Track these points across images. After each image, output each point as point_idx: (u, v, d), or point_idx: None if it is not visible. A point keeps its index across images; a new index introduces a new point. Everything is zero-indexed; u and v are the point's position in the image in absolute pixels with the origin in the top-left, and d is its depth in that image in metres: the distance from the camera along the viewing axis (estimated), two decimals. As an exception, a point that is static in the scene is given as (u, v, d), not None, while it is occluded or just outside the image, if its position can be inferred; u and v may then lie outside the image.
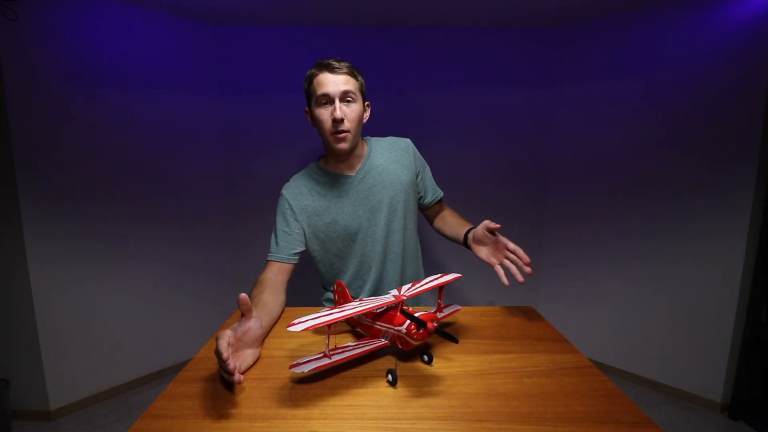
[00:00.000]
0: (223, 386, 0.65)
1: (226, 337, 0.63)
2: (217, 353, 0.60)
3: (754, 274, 1.79)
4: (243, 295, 0.68)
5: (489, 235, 0.93)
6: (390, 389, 0.63)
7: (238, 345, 0.69)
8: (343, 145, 1.01)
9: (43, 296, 1.83)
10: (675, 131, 1.96)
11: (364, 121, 1.06)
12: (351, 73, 1.00)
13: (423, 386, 0.64)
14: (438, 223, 1.24)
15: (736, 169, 1.82)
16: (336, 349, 0.69)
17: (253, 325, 0.72)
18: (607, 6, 1.95)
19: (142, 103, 2.03)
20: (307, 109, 1.08)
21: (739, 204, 1.82)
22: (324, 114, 0.99)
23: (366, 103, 1.06)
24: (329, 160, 1.10)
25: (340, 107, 0.97)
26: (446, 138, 2.29)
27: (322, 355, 0.66)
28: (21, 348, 1.84)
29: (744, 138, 1.79)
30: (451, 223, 1.17)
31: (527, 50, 2.23)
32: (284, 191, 1.11)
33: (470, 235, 1.02)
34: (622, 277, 2.18)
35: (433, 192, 1.22)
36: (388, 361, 0.72)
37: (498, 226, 0.90)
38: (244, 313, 0.72)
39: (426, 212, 1.27)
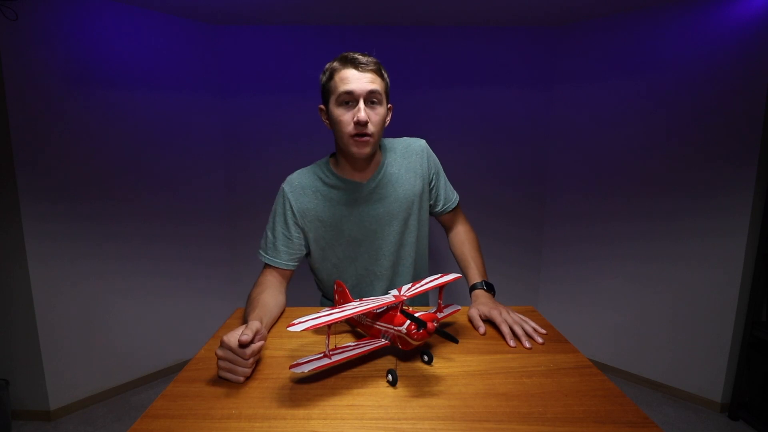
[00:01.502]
0: (224, 385, 0.65)
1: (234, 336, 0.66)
2: (252, 353, 0.66)
3: (754, 274, 1.79)
4: (253, 337, 0.67)
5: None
6: (390, 389, 0.63)
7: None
8: (365, 150, 0.91)
9: (43, 296, 1.84)
10: (675, 131, 1.96)
11: (386, 124, 0.96)
12: (378, 71, 0.90)
13: (423, 386, 0.64)
14: (450, 244, 1.16)
15: (736, 169, 1.82)
16: (336, 349, 0.69)
17: (263, 340, 0.72)
18: (607, 6, 1.95)
19: (142, 103, 2.03)
20: (322, 106, 0.97)
21: (739, 204, 1.82)
22: (345, 115, 0.89)
23: (389, 106, 0.96)
24: (341, 162, 0.99)
25: (365, 109, 0.87)
26: (446, 138, 2.29)
27: (322, 355, 0.66)
28: (21, 348, 1.84)
29: (744, 138, 1.79)
30: (460, 256, 1.10)
31: (527, 50, 2.23)
32: (286, 187, 1.01)
33: (471, 297, 0.99)
34: (622, 276, 2.18)
35: (444, 201, 1.11)
36: (388, 361, 0.72)
37: (483, 332, 0.84)
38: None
39: (438, 219, 1.17)
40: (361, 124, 0.88)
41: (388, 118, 0.98)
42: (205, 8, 1.97)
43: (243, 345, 0.65)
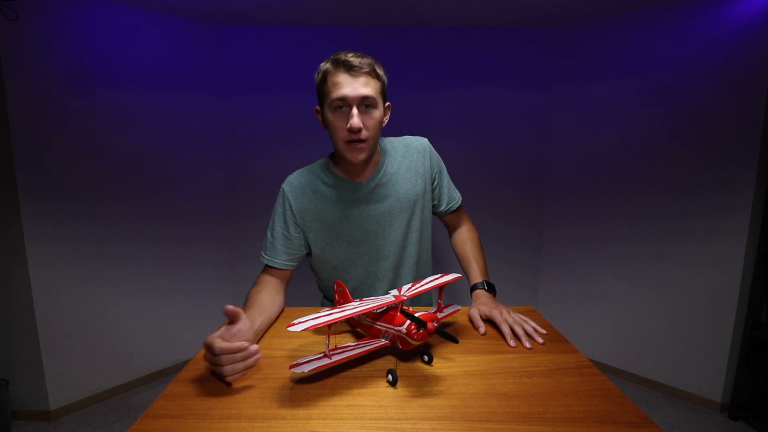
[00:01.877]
0: (224, 385, 0.65)
1: (218, 338, 0.65)
2: (219, 350, 0.63)
3: (754, 274, 1.79)
4: (228, 306, 0.67)
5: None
6: (390, 389, 0.63)
7: None
8: (359, 156, 0.90)
9: (43, 296, 1.84)
10: (675, 131, 1.96)
11: (383, 125, 0.94)
12: (372, 73, 0.87)
13: (423, 386, 0.64)
14: (452, 243, 1.16)
15: (736, 169, 1.82)
16: (336, 349, 0.69)
17: (243, 326, 0.71)
18: (607, 6, 1.95)
19: (142, 103, 2.03)
20: (318, 108, 0.95)
21: (739, 204, 1.82)
22: (338, 120, 0.88)
23: (386, 105, 0.94)
24: (339, 162, 0.99)
25: (358, 115, 0.85)
26: (446, 138, 2.29)
27: (322, 355, 0.66)
28: (21, 348, 1.84)
29: (744, 138, 1.79)
30: (462, 255, 1.10)
31: (527, 50, 2.23)
32: (286, 187, 1.01)
33: (472, 296, 0.99)
34: (622, 277, 2.18)
35: (448, 201, 1.11)
36: (388, 361, 0.72)
37: (483, 332, 0.84)
38: (232, 320, 0.71)
39: (441, 219, 1.17)
40: (354, 131, 0.86)
41: (386, 118, 0.96)
42: (205, 8, 1.97)
43: (229, 314, 0.67)
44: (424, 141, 1.06)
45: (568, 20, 2.13)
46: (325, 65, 0.88)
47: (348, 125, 0.86)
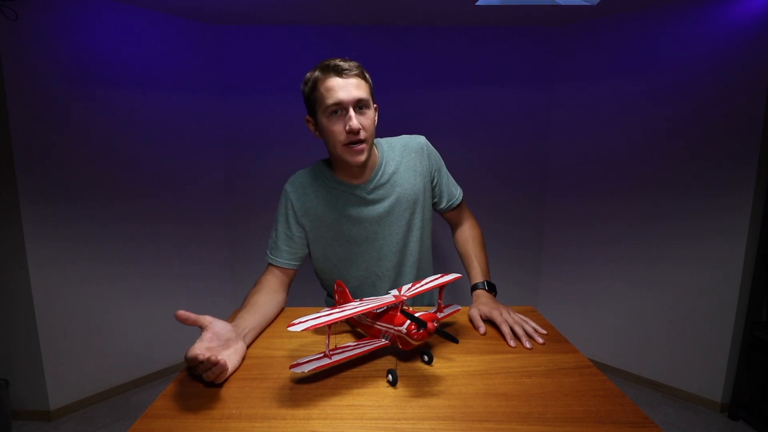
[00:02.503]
0: (217, 387, 0.65)
1: (197, 348, 0.63)
2: (194, 361, 0.61)
3: (754, 274, 1.79)
4: (179, 312, 0.64)
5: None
6: (390, 389, 0.63)
7: (213, 352, 0.66)
8: (361, 158, 0.90)
9: (43, 296, 1.84)
10: (675, 131, 1.96)
11: (374, 125, 0.95)
12: (361, 75, 0.89)
13: (423, 386, 0.64)
14: (455, 241, 1.16)
15: (736, 169, 1.82)
16: (336, 349, 0.69)
17: (216, 329, 0.68)
18: (607, 6, 1.95)
19: (142, 103, 2.03)
20: (308, 117, 0.96)
21: (739, 204, 1.82)
22: (335, 125, 0.88)
23: (374, 106, 0.95)
24: (337, 167, 1.00)
25: (355, 117, 0.86)
26: (446, 138, 2.28)
27: (322, 355, 0.66)
28: (21, 348, 1.84)
29: (744, 138, 1.79)
30: (464, 254, 1.11)
31: (527, 50, 2.23)
32: (288, 187, 1.02)
33: (473, 296, 0.99)
34: (622, 277, 2.18)
35: (448, 198, 1.11)
36: (388, 361, 0.72)
37: (483, 332, 0.84)
38: (199, 327, 0.68)
39: (443, 216, 1.17)
40: (354, 132, 0.87)
41: (376, 118, 0.96)
42: (205, 8, 1.97)
43: (180, 321, 0.64)
44: (422, 139, 1.06)
45: (568, 20, 2.13)
46: (313, 74, 0.89)
47: (347, 127, 0.86)
